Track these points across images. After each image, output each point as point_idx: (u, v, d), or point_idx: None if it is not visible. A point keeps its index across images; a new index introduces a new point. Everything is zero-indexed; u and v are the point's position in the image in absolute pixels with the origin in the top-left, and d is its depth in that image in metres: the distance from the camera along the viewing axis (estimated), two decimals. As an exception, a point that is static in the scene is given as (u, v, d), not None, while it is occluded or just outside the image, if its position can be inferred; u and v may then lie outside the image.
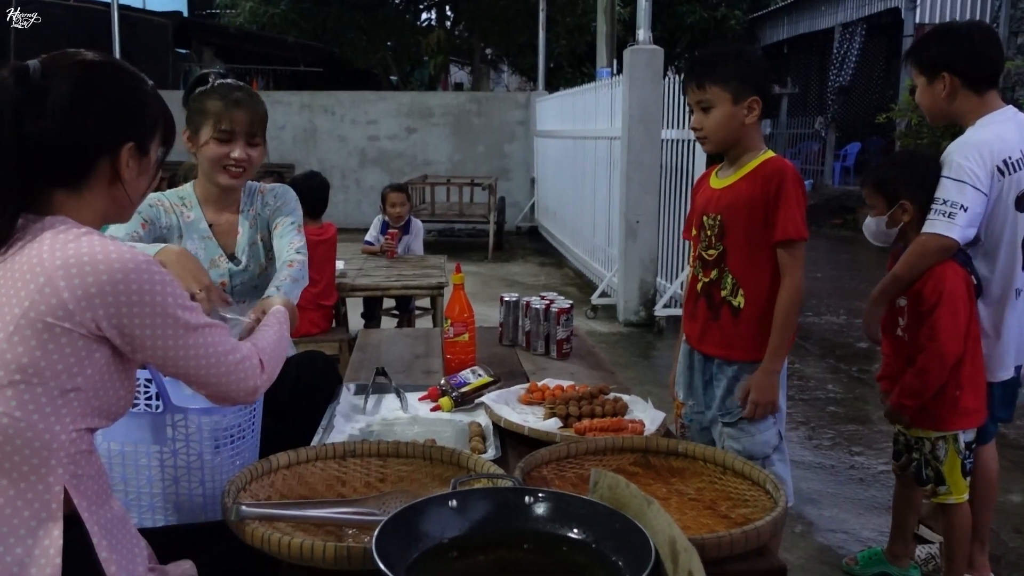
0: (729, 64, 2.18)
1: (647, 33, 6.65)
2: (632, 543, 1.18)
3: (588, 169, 8.29)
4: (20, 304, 1.22)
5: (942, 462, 2.47)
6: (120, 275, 1.24)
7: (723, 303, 2.25)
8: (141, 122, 1.39)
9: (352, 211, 12.26)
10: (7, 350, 1.22)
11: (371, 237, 5.34)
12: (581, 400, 1.99)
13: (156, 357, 1.33)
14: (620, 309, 6.86)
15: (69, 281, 1.22)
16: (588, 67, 15.81)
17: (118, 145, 1.35)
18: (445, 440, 1.87)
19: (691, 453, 1.71)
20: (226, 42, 17.58)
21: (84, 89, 1.31)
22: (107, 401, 1.31)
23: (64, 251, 1.24)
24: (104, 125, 1.33)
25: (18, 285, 1.24)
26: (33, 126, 1.28)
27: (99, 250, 1.25)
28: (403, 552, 1.19)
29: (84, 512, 1.26)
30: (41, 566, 1.21)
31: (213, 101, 2.18)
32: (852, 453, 3.97)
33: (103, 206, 1.38)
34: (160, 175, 1.51)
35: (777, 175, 2.15)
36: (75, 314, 1.22)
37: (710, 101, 2.18)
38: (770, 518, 1.37)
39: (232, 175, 2.21)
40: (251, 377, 1.44)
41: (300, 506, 1.48)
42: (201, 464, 1.70)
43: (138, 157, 1.38)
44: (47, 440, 1.23)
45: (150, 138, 1.41)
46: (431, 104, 13.04)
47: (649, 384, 4.72)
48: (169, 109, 1.48)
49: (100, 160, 1.34)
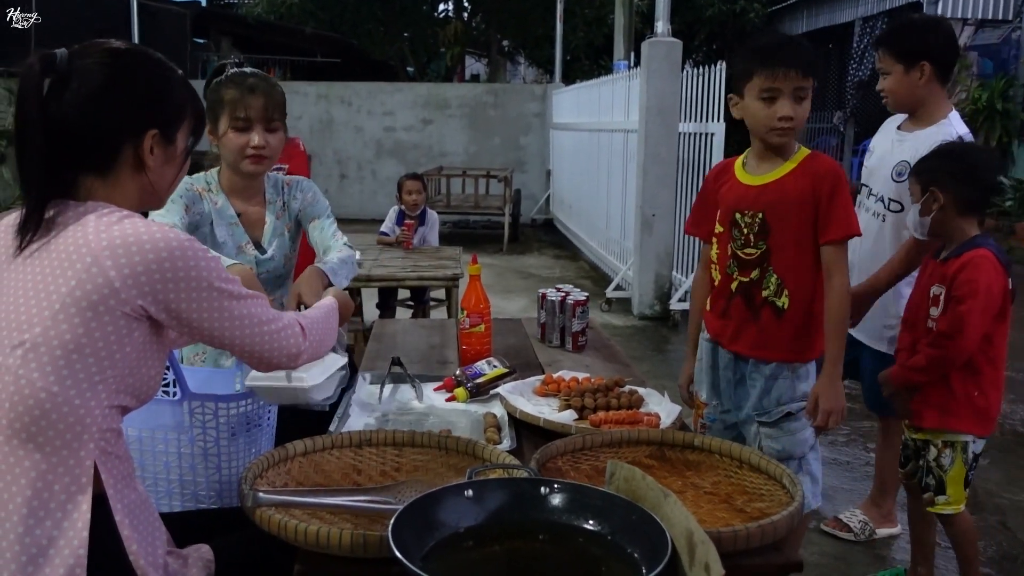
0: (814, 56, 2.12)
1: (666, 25, 6.61)
2: (648, 535, 1.18)
3: (604, 162, 8.27)
4: (67, 284, 1.25)
5: (946, 471, 2.38)
6: (165, 254, 1.28)
7: (765, 303, 2.16)
8: (166, 110, 1.40)
9: (368, 202, 12.29)
10: (51, 327, 1.25)
11: (387, 228, 5.35)
12: (596, 392, 1.99)
13: (203, 330, 1.36)
14: (635, 302, 6.84)
15: (116, 261, 1.25)
16: (605, 59, 15.74)
17: (141, 132, 1.36)
18: (460, 430, 1.87)
19: (707, 447, 1.70)
20: (244, 32, 17.63)
21: (108, 76, 1.33)
22: (140, 380, 1.34)
23: (109, 232, 1.27)
24: (127, 112, 1.35)
25: (64, 265, 1.26)
26: (58, 111, 1.30)
27: (143, 231, 1.28)
28: (419, 541, 1.19)
29: (110, 490, 1.28)
30: (69, 538, 1.24)
31: (228, 90, 2.17)
32: (868, 450, 3.94)
33: (132, 193, 1.39)
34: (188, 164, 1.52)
35: (831, 172, 2.10)
36: (121, 292, 1.26)
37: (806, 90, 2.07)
38: (786, 513, 1.37)
39: (254, 161, 2.20)
40: (293, 344, 1.47)
41: (316, 494, 1.48)
42: (218, 451, 1.71)
43: (163, 145, 1.40)
44: (81, 415, 1.26)
45: (176, 126, 1.42)
46: (447, 95, 13.03)
47: (664, 378, 4.71)
48: (199, 98, 1.49)
49: (124, 146, 1.36)
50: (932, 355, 2.32)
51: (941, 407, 2.37)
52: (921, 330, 2.42)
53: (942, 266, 2.36)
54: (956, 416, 2.36)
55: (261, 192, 2.35)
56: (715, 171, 2.38)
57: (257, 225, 2.33)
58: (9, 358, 1.26)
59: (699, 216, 2.37)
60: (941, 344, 2.31)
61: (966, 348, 2.29)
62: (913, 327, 2.46)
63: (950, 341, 2.28)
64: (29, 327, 1.26)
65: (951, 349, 2.29)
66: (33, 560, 1.22)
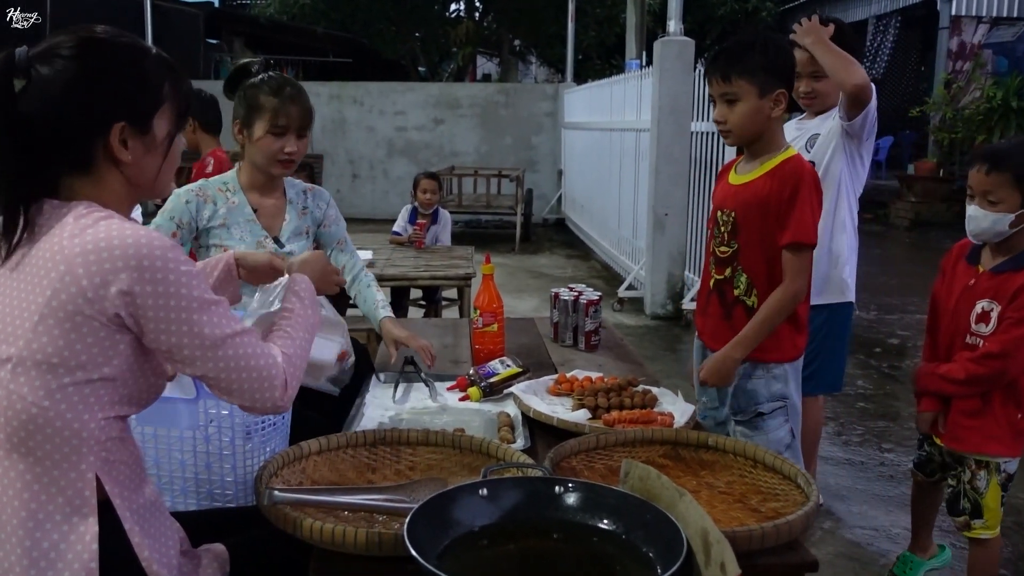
0: (756, 55, 2.08)
1: (678, 25, 6.60)
2: (663, 534, 1.18)
3: (616, 161, 8.25)
4: (43, 293, 1.21)
5: (983, 494, 2.25)
6: (134, 257, 1.20)
7: (736, 302, 2.20)
8: (133, 100, 1.30)
9: (379, 201, 12.31)
10: (33, 339, 1.20)
11: (399, 227, 5.35)
12: (610, 392, 1.99)
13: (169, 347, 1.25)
14: (647, 302, 6.83)
15: (87, 268, 1.19)
16: (617, 59, 15.72)
17: (106, 126, 1.28)
18: (474, 430, 1.87)
19: (721, 446, 1.70)
20: (256, 32, 17.70)
21: (66, 72, 1.25)
22: (137, 389, 1.30)
23: (83, 237, 1.21)
24: (87, 107, 1.27)
25: (41, 273, 1.22)
26: (23, 111, 1.24)
27: (115, 233, 1.21)
28: (434, 539, 1.19)
29: (116, 499, 1.26)
30: (78, 552, 1.22)
31: (267, 96, 2.26)
32: (882, 450, 3.93)
33: (119, 188, 1.33)
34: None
35: (794, 176, 2.08)
36: (94, 301, 1.20)
37: (736, 94, 2.09)
38: (802, 512, 1.36)
39: (285, 166, 2.32)
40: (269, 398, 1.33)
41: (331, 492, 1.49)
42: (233, 450, 1.72)
43: (138, 136, 1.31)
44: (76, 429, 1.22)
45: (149, 114, 1.32)
46: (459, 95, 13.04)
47: (676, 377, 4.70)
48: (182, 80, 1.39)
49: (94, 143, 1.29)
50: (975, 372, 2.20)
51: (981, 430, 2.24)
52: (959, 344, 2.28)
53: (994, 278, 2.21)
54: (998, 440, 2.23)
55: (280, 188, 2.43)
56: (721, 170, 2.44)
57: (275, 217, 2.39)
58: (1, 371, 1.22)
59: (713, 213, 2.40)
60: (987, 364, 2.18)
61: (1012, 371, 2.18)
62: (946, 337, 2.32)
63: (997, 362, 2.16)
64: (14, 340, 1.22)
65: (997, 370, 2.17)
66: (42, 572, 1.21)
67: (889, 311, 6.81)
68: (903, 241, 10.79)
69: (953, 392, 2.27)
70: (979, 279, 2.25)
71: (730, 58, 2.11)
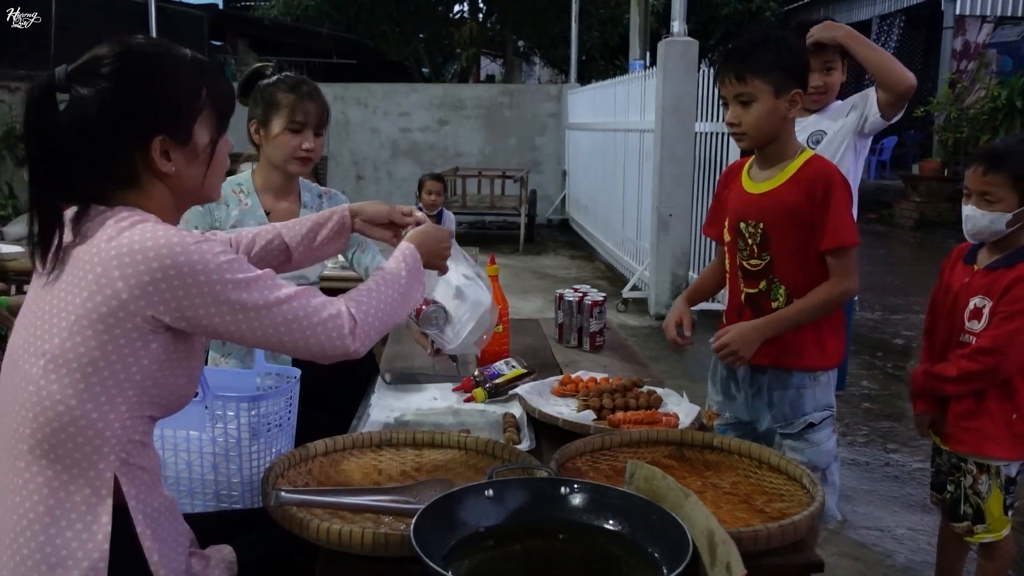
0: (771, 53, 1.99)
1: (682, 25, 6.60)
2: (669, 535, 1.18)
3: (620, 162, 8.26)
4: (79, 296, 1.24)
5: (984, 498, 2.21)
6: (169, 260, 1.22)
7: None
8: (169, 112, 1.32)
9: (384, 203, 12.31)
10: (67, 340, 1.23)
11: (403, 229, 5.37)
12: (615, 392, 1.99)
13: (229, 334, 1.29)
14: (651, 303, 6.83)
15: (123, 271, 1.22)
16: (621, 59, 15.73)
17: (145, 140, 1.30)
18: (479, 431, 1.87)
19: (726, 447, 1.70)
20: (260, 34, 17.71)
21: (103, 91, 1.27)
22: (165, 390, 1.32)
23: (119, 240, 1.23)
24: (125, 125, 1.29)
25: (79, 276, 1.25)
26: (64, 129, 1.27)
27: (149, 236, 1.23)
28: (440, 540, 1.20)
29: (131, 500, 1.28)
30: (88, 550, 1.23)
31: (284, 94, 2.28)
32: (887, 450, 3.93)
33: (167, 198, 1.35)
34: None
35: (824, 178, 2.00)
36: (129, 304, 1.22)
37: (750, 94, 1.99)
38: (807, 513, 1.36)
39: (303, 163, 2.32)
40: (337, 338, 1.34)
41: (337, 493, 1.49)
42: (239, 451, 1.73)
43: (179, 147, 1.33)
44: (100, 428, 1.25)
45: (188, 124, 1.34)
46: (463, 96, 13.05)
47: (681, 378, 4.70)
48: (220, 82, 1.40)
49: (135, 157, 1.31)
50: (967, 369, 2.17)
51: (978, 431, 2.21)
52: (954, 342, 2.26)
53: (986, 275, 2.20)
54: (995, 442, 2.20)
55: (295, 192, 2.43)
56: (726, 172, 2.32)
57: None
58: (33, 367, 1.26)
59: (713, 217, 2.32)
60: (979, 360, 2.16)
61: (1006, 368, 2.15)
62: (943, 336, 2.30)
63: (988, 357, 2.14)
64: (49, 338, 1.25)
65: (989, 366, 2.14)
66: (52, 569, 1.22)
67: (894, 311, 6.80)
68: (907, 241, 10.78)
69: (947, 391, 2.23)
70: (973, 277, 2.24)
71: (744, 57, 2.01)
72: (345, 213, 1.76)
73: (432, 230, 1.70)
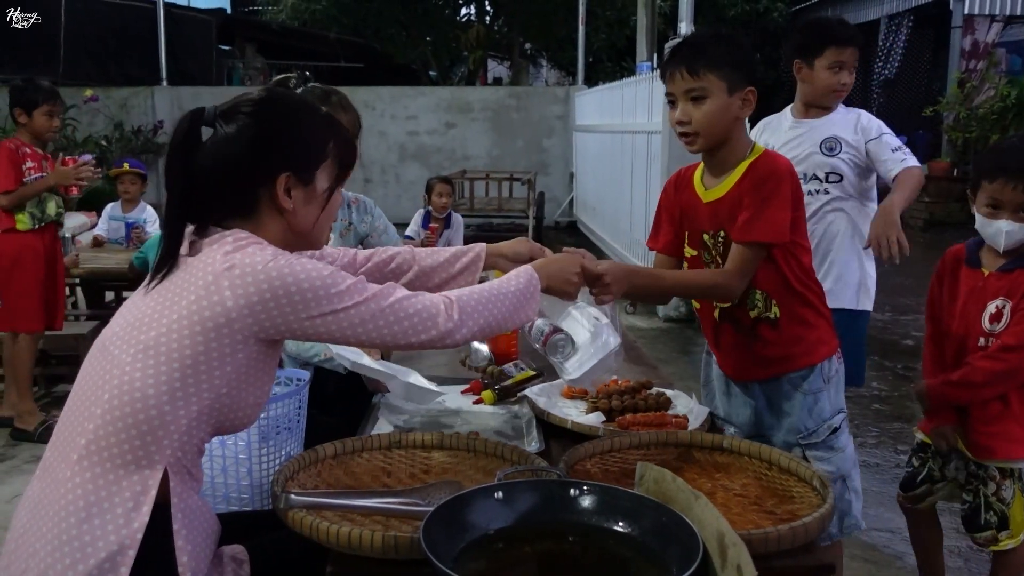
0: (723, 47, 1.89)
1: (689, 26, 6.58)
2: (679, 537, 1.18)
3: (627, 164, 8.25)
4: (187, 298, 1.32)
5: (1009, 504, 2.15)
6: (278, 281, 1.31)
7: (758, 322, 1.97)
8: (298, 153, 1.43)
9: (391, 206, 12.26)
10: (165, 334, 1.31)
11: (412, 231, 5.38)
12: (624, 395, 1.99)
13: (334, 339, 1.38)
14: (660, 305, 6.82)
15: (232, 285, 1.30)
16: (628, 61, 15.72)
17: (273, 177, 1.40)
18: (488, 433, 1.87)
19: (736, 448, 1.70)
20: (268, 38, 17.79)
21: (242, 125, 1.40)
22: (237, 400, 1.37)
23: (232, 257, 1.32)
24: (254, 158, 1.40)
25: (190, 281, 1.33)
26: (201, 161, 1.39)
27: (260, 259, 1.32)
28: (450, 542, 1.20)
29: (174, 497, 1.32)
30: (121, 536, 1.27)
31: None
32: (897, 452, 3.91)
33: (277, 234, 1.43)
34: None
35: (773, 173, 1.88)
36: (236, 321, 1.31)
37: (703, 89, 1.86)
38: (818, 514, 1.36)
39: None
40: (433, 326, 1.41)
41: (347, 496, 1.49)
42: (248, 454, 1.73)
43: (300, 186, 1.43)
44: (168, 422, 1.30)
45: (313, 168, 1.45)
46: (470, 99, 13.06)
47: (690, 380, 4.69)
48: (348, 137, 1.52)
49: (259, 191, 1.41)
50: (993, 369, 2.12)
51: (1004, 435, 2.16)
52: (971, 347, 2.20)
53: (1003, 278, 2.16)
54: (1022, 444, 2.14)
55: None
56: (671, 182, 2.13)
57: None
58: (125, 354, 1.32)
59: (657, 229, 2.13)
60: (1005, 359, 2.11)
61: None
62: (954, 344, 2.26)
63: (1014, 354, 2.09)
64: (148, 329, 1.32)
65: (1016, 364, 2.10)
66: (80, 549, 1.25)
67: (903, 312, 6.78)
68: (917, 241, 10.66)
69: (971, 398, 2.18)
70: (987, 281, 2.19)
71: (696, 50, 1.89)
72: (481, 251, 1.83)
73: (562, 258, 1.72)
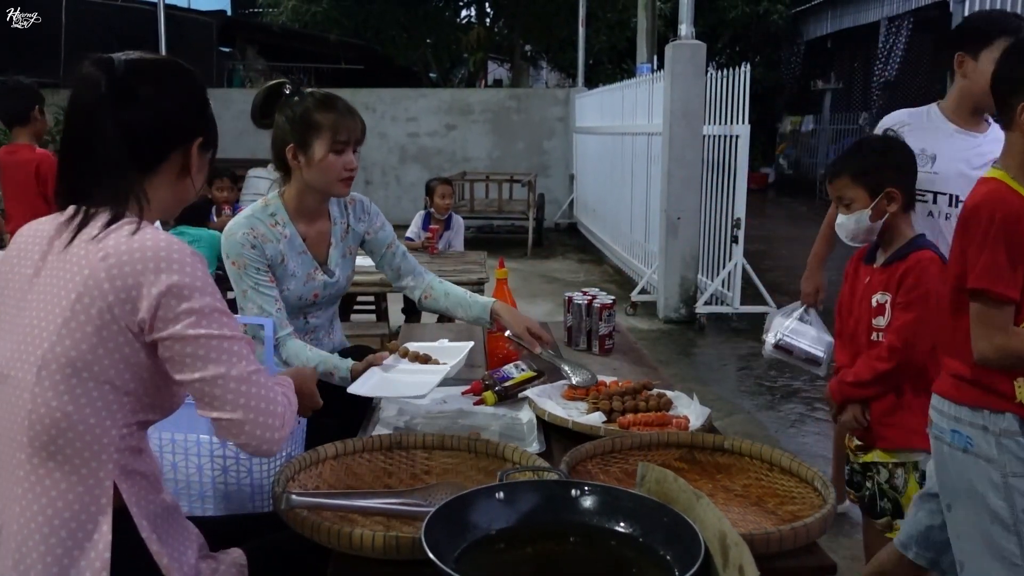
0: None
1: (689, 28, 6.60)
2: (681, 537, 1.18)
3: (628, 165, 8.26)
4: (68, 296, 1.23)
5: (902, 492, 2.20)
6: (152, 263, 1.23)
7: None
8: (208, 121, 1.43)
9: (392, 208, 12.33)
10: (56, 343, 1.23)
11: (412, 233, 5.37)
12: (625, 395, 1.99)
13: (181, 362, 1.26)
14: (660, 306, 6.82)
15: (108, 272, 1.22)
16: (628, 63, 15.75)
17: (191, 139, 1.39)
18: (489, 433, 1.87)
19: (737, 449, 1.69)
20: (269, 40, 17.82)
21: (165, 83, 1.36)
22: (164, 398, 1.32)
23: (106, 241, 1.24)
24: (183, 118, 1.38)
25: (67, 276, 1.25)
26: (124, 115, 1.30)
27: (136, 239, 1.24)
28: (451, 543, 1.20)
29: (132, 507, 1.28)
30: (91, 559, 1.23)
31: (323, 113, 2.14)
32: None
33: (167, 197, 1.40)
34: None
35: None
36: (114, 307, 1.22)
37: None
38: (819, 515, 1.36)
39: (347, 184, 2.21)
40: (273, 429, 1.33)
41: (348, 496, 1.49)
42: (249, 455, 1.73)
43: (202, 154, 1.42)
44: (98, 435, 1.25)
45: (212, 137, 1.44)
46: (471, 101, 13.08)
47: (691, 381, 4.69)
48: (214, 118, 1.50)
49: (174, 152, 1.37)
50: (881, 370, 2.17)
51: (901, 426, 2.20)
52: (863, 342, 2.26)
53: (883, 272, 2.23)
54: (919, 435, 2.09)
55: (326, 212, 2.33)
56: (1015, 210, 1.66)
57: (321, 245, 2.31)
58: (28, 374, 1.24)
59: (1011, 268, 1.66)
60: (888, 358, 2.16)
61: (917, 359, 2.14)
62: (853, 339, 2.30)
63: (899, 354, 2.14)
64: (40, 342, 1.24)
65: (901, 361, 2.14)
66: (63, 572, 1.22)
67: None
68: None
69: (865, 395, 2.23)
70: (873, 275, 2.27)
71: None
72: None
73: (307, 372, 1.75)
